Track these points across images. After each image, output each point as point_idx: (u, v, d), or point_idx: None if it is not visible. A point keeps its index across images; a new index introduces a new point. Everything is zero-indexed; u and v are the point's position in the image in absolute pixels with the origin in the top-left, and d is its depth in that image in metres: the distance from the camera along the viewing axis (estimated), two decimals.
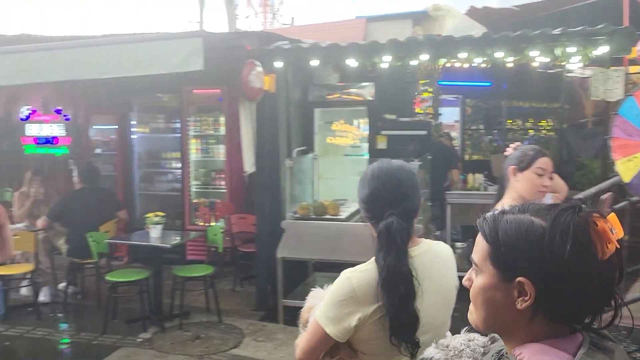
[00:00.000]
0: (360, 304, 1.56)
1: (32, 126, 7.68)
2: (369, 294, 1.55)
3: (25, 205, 5.98)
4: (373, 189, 1.66)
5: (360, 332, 1.58)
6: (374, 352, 1.60)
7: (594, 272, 0.91)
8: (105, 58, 4.52)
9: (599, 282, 0.92)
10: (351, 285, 1.58)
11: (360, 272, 1.60)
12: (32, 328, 5.03)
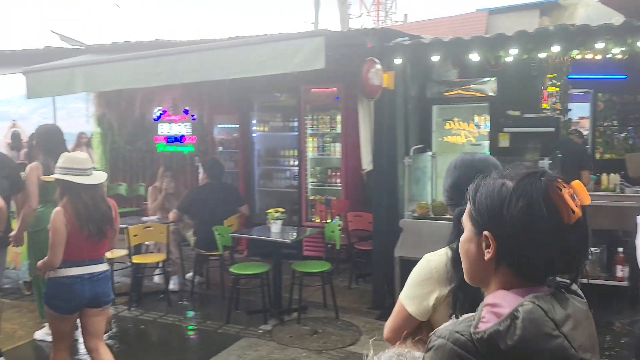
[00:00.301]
0: (438, 284, 1.69)
1: (163, 126, 8.28)
2: (443, 274, 1.67)
3: (157, 199, 6.43)
4: (454, 178, 1.80)
5: (437, 313, 1.69)
6: None
7: (552, 234, 1.02)
8: (232, 59, 4.72)
9: (559, 243, 1.02)
10: (430, 267, 1.72)
11: (439, 255, 1.72)
12: (164, 314, 5.40)
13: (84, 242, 3.29)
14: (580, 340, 1.01)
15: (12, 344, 4.68)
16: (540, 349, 0.96)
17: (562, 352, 0.97)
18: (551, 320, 0.99)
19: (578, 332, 1.02)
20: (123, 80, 5.39)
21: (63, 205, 3.26)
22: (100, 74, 5.55)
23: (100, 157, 8.94)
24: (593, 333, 1.09)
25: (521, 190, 1.04)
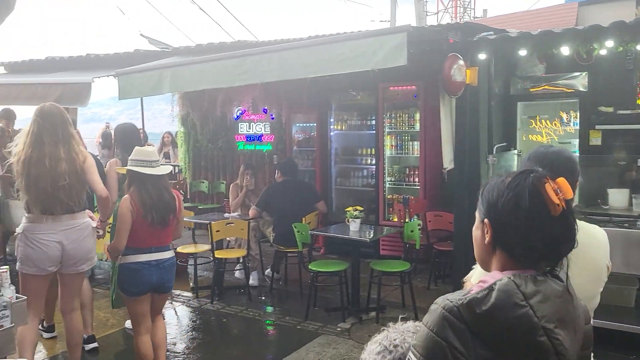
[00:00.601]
0: None
1: (243, 125, 8.49)
2: None
3: (238, 196, 6.60)
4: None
5: None
6: None
7: (537, 223, 1.21)
8: (313, 58, 4.74)
9: (544, 232, 1.21)
10: None
11: None
12: (245, 308, 5.53)
13: (148, 230, 3.51)
14: (545, 312, 1.17)
15: (105, 332, 4.96)
16: (508, 315, 1.15)
17: (526, 320, 1.15)
18: (521, 293, 1.17)
19: (544, 306, 1.18)
20: (207, 81, 5.56)
21: (130, 193, 3.51)
22: (186, 75, 5.75)
23: (183, 155, 9.30)
24: (565, 309, 1.22)
25: (512, 185, 1.26)
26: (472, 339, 1.17)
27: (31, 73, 7.88)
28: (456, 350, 1.16)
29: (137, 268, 3.52)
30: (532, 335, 1.16)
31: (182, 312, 5.64)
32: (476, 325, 1.17)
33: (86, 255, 3.76)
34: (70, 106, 7.56)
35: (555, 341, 1.17)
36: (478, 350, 1.17)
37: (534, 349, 1.17)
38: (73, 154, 3.58)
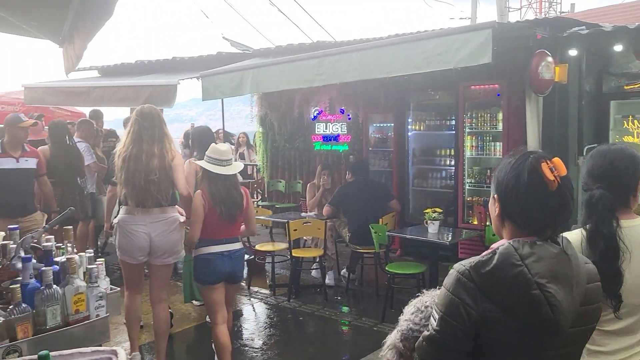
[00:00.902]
0: None
1: (320, 125, 8.54)
2: (580, 251, 1.77)
3: (315, 195, 6.64)
4: (589, 167, 2.01)
5: None
6: None
7: (534, 197, 1.41)
8: (394, 57, 4.68)
9: (541, 205, 1.41)
10: None
11: (571, 233, 1.91)
12: (321, 307, 5.55)
13: (219, 223, 3.74)
14: (538, 270, 1.37)
15: (187, 325, 5.15)
16: (506, 273, 1.37)
17: (522, 276, 1.37)
18: (518, 255, 1.39)
19: (538, 265, 1.38)
20: (287, 81, 5.64)
21: (201, 188, 3.79)
22: (266, 76, 5.86)
23: (262, 155, 9.49)
24: (559, 268, 1.40)
25: (515, 165, 1.47)
26: (479, 295, 1.40)
27: (122, 76, 8.32)
28: (467, 305, 1.40)
29: (211, 258, 3.76)
30: (526, 289, 1.37)
31: (260, 308, 5.75)
32: (482, 283, 1.40)
33: (172, 248, 3.96)
34: (157, 107, 7.95)
35: (547, 294, 1.37)
36: (485, 305, 1.39)
37: (529, 300, 1.37)
38: (164, 152, 3.82)
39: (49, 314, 2.10)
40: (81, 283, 2.23)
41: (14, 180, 4.90)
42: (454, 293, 1.42)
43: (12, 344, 1.98)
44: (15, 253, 2.41)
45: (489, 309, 1.40)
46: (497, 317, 1.39)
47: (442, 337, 1.44)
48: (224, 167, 3.73)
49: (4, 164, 4.88)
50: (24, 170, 5.01)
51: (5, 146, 4.95)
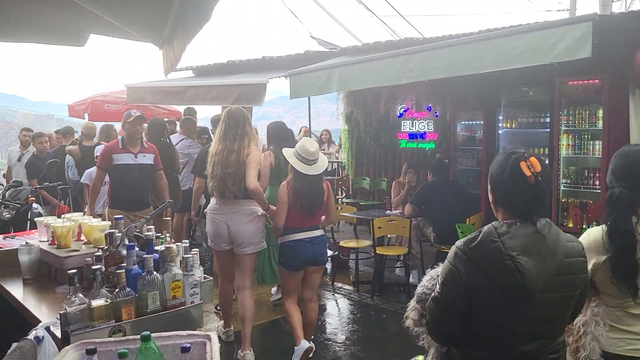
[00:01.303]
0: (595, 253, 2.16)
1: (406, 122, 8.46)
2: (600, 245, 2.15)
3: (400, 193, 6.59)
4: (613, 166, 2.22)
5: (596, 275, 2.18)
6: (608, 292, 2.19)
7: (515, 189, 1.81)
8: (484, 53, 4.54)
9: (521, 195, 1.80)
10: (589, 239, 2.19)
11: (595, 229, 2.20)
12: (404, 306, 5.44)
13: (300, 213, 4.09)
14: (510, 245, 1.75)
15: (274, 316, 5.30)
16: (486, 247, 1.78)
17: (497, 250, 1.75)
18: (496, 233, 1.79)
19: (512, 241, 1.76)
20: (373, 79, 5.63)
21: (288, 181, 4.14)
22: (353, 74, 5.88)
23: (347, 153, 9.55)
24: (532, 244, 1.77)
25: (502, 162, 1.86)
26: (469, 264, 1.81)
27: (215, 75, 8.68)
28: (461, 272, 1.82)
29: (294, 245, 4.10)
30: (501, 259, 1.76)
31: (343, 304, 5.81)
32: (471, 255, 1.81)
33: (249, 239, 4.24)
34: (247, 105, 8.21)
35: (517, 263, 1.74)
36: (473, 273, 1.80)
37: (503, 268, 1.76)
38: (242, 148, 4.19)
39: (149, 298, 2.26)
40: (178, 271, 2.38)
41: (133, 175, 5.13)
42: (451, 263, 1.86)
43: (117, 324, 2.15)
44: (121, 241, 2.61)
45: (476, 277, 1.80)
46: (483, 284, 1.79)
47: (443, 297, 1.86)
48: (310, 166, 4.05)
49: (124, 159, 5.12)
50: (142, 166, 5.21)
51: (125, 142, 5.19)
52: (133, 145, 5.20)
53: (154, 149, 5.43)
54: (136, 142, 5.23)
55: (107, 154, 5.13)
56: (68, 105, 12.33)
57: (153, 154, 5.34)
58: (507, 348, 1.83)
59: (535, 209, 1.82)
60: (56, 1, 3.71)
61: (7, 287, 2.96)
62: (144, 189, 5.25)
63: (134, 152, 5.17)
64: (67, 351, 1.79)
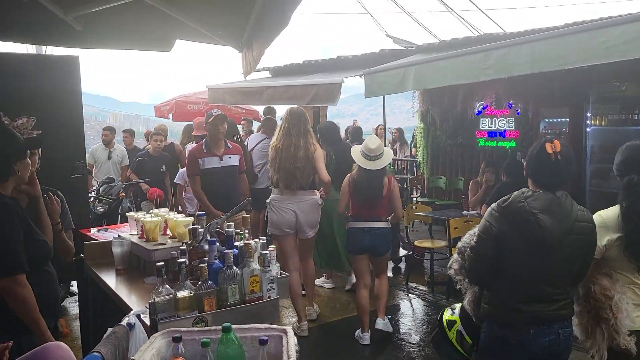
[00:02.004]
0: (608, 230, 2.53)
1: (485, 120, 8.24)
2: (613, 224, 2.53)
3: (477, 193, 6.44)
4: (624, 157, 2.61)
5: (610, 251, 2.55)
6: (619, 269, 2.58)
7: (541, 164, 2.42)
8: (570, 47, 4.34)
9: (545, 169, 2.40)
10: (602, 219, 2.55)
11: (610, 210, 2.58)
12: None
13: (361, 203, 4.59)
14: (533, 205, 2.34)
15: (348, 314, 5.35)
16: (514, 206, 2.36)
17: (523, 208, 2.34)
18: (522, 196, 2.38)
19: (534, 202, 2.35)
20: (451, 77, 5.52)
21: (351, 174, 4.69)
22: (429, 72, 5.80)
23: (422, 151, 9.43)
24: (550, 206, 2.36)
25: (535, 144, 2.50)
26: (500, 219, 2.39)
27: (291, 76, 8.86)
28: (493, 226, 2.40)
29: (354, 232, 4.65)
30: (525, 215, 2.34)
31: (417, 305, 5.77)
32: (501, 212, 2.40)
33: (313, 225, 4.88)
34: (322, 105, 8.32)
35: (537, 219, 2.32)
36: (502, 225, 2.38)
37: (525, 222, 2.34)
38: (308, 145, 4.69)
39: (229, 291, 2.36)
40: (256, 266, 2.47)
41: (220, 179, 4.86)
42: (486, 219, 2.46)
43: (199, 315, 2.27)
44: (203, 236, 2.75)
45: (504, 229, 2.39)
46: (510, 235, 2.38)
47: (479, 246, 2.46)
48: (371, 161, 4.49)
49: (210, 163, 4.86)
50: (228, 168, 4.93)
51: (209, 145, 4.93)
52: (217, 147, 4.96)
53: (238, 149, 5.19)
54: (220, 143, 4.98)
55: (192, 159, 4.95)
56: (154, 106, 13.01)
57: (238, 155, 5.09)
58: (525, 291, 2.40)
59: (555, 182, 2.41)
60: (146, 11, 3.95)
61: (102, 276, 3.20)
62: (232, 190, 4.95)
63: (218, 154, 4.93)
64: (156, 338, 1.91)
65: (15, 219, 2.42)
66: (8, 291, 2.33)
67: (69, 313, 5.34)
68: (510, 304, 2.41)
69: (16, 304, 2.34)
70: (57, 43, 5.10)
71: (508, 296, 2.41)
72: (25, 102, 4.99)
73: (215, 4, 3.83)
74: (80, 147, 5.54)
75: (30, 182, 2.76)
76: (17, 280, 2.34)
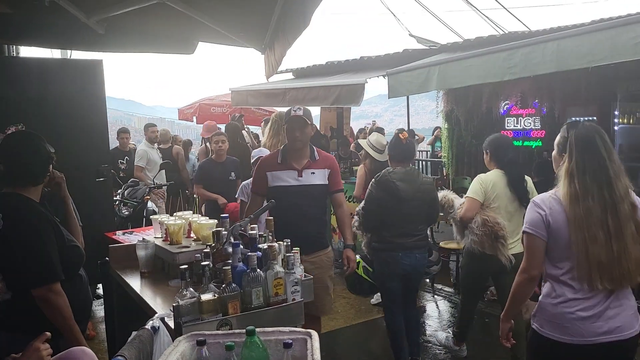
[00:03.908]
0: (487, 186, 4.24)
1: (510, 120, 8.11)
2: (501, 180, 4.27)
3: None
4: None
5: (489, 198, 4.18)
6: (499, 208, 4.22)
7: (399, 147, 4.24)
8: (597, 45, 4.24)
9: (400, 151, 4.24)
10: (482, 178, 4.38)
11: (488, 174, 4.40)
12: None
13: None
14: (394, 177, 4.05)
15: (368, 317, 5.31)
16: (383, 179, 4.12)
17: (388, 179, 4.08)
18: (387, 172, 4.16)
19: (395, 175, 4.07)
20: (475, 76, 5.44)
21: (365, 163, 5.42)
22: (453, 72, 5.73)
23: (447, 151, 9.33)
24: (407, 177, 4.07)
25: (393, 137, 4.45)
26: (377, 188, 4.05)
27: (314, 77, 8.85)
28: (372, 192, 4.10)
29: None
30: (388, 183, 3.98)
31: (444, 306, 5.70)
32: (377, 183, 4.05)
33: None
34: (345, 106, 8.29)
35: (396, 184, 3.96)
36: (379, 192, 4.04)
37: (389, 187, 3.97)
38: None
39: (254, 294, 2.35)
40: (280, 269, 2.46)
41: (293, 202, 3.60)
42: (369, 189, 4.12)
43: (224, 318, 2.27)
44: (227, 239, 2.74)
45: (379, 194, 4.00)
46: (382, 196, 3.99)
47: (366, 205, 4.17)
48: (381, 154, 5.16)
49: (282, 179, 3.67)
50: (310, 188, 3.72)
51: (287, 155, 3.76)
52: (297, 158, 3.65)
53: (328, 160, 3.78)
54: (302, 153, 3.66)
55: (260, 172, 3.72)
56: (178, 109, 13.15)
57: (328, 169, 3.72)
58: (395, 230, 3.99)
59: (406, 157, 4.13)
60: (168, 14, 3.98)
61: (127, 279, 3.23)
62: (311, 223, 3.67)
63: (297, 167, 3.63)
64: (180, 341, 1.91)
65: (47, 226, 2.45)
66: (44, 300, 2.35)
67: (95, 316, 5.42)
68: (387, 239, 4.01)
69: (52, 312, 2.37)
70: (80, 47, 5.19)
71: (386, 235, 4.01)
72: (50, 106, 5.09)
73: (237, 5, 3.84)
74: (104, 150, 5.62)
75: (58, 184, 2.80)
76: (53, 288, 2.37)
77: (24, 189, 2.51)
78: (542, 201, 2.37)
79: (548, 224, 2.32)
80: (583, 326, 2.25)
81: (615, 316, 2.27)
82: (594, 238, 2.23)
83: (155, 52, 5.34)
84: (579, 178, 2.29)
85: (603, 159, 2.31)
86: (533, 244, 2.35)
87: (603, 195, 2.27)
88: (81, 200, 2.93)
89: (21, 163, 2.51)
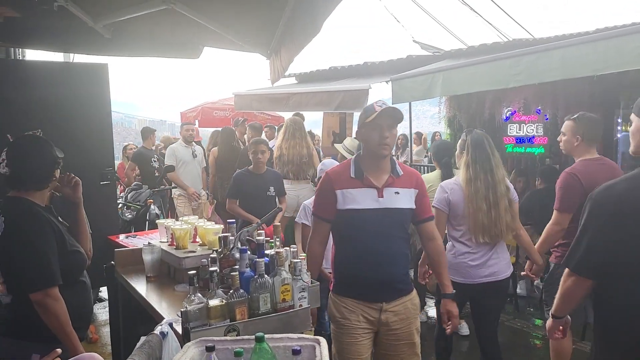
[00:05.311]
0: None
1: (513, 126, 8.12)
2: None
3: None
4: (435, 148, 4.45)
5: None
6: None
7: None
8: (601, 53, 4.27)
9: None
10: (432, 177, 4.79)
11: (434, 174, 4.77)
12: (512, 318, 5.30)
13: None
14: None
15: None
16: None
17: None
18: None
19: None
20: (479, 83, 5.47)
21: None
22: (457, 78, 5.75)
23: None
24: None
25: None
26: None
27: (317, 82, 8.87)
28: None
29: None
30: None
31: None
32: None
33: None
34: (349, 111, 8.31)
35: None
36: None
37: None
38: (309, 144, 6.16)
39: (261, 300, 2.36)
40: (287, 275, 2.46)
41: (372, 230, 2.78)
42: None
43: (232, 324, 2.27)
44: (234, 245, 2.75)
45: None
46: None
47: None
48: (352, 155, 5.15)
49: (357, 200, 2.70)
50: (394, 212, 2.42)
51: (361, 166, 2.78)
52: (378, 173, 2.74)
53: (416, 178, 2.83)
54: (383, 165, 2.75)
55: (326, 190, 2.75)
56: (181, 112, 13.17)
57: (415, 189, 2.79)
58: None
59: None
60: (174, 19, 3.99)
61: (133, 283, 3.23)
62: (399, 259, 2.74)
63: (377, 185, 2.70)
64: (189, 347, 1.92)
65: (48, 231, 2.45)
66: (41, 305, 2.35)
67: (97, 319, 5.41)
68: None
69: (49, 317, 2.36)
70: (87, 51, 5.21)
71: None
72: (55, 109, 5.10)
73: (244, 11, 3.86)
74: (109, 154, 5.63)
75: (74, 187, 2.80)
76: (50, 293, 2.36)
77: (28, 193, 2.52)
78: (446, 185, 3.46)
79: (449, 201, 3.40)
80: (472, 271, 3.34)
81: (494, 264, 3.37)
82: (480, 208, 3.28)
83: (160, 56, 5.35)
84: (472, 167, 3.34)
85: (488, 154, 3.37)
86: (439, 216, 3.34)
87: (487, 179, 3.30)
88: (85, 204, 2.91)
89: (25, 167, 2.51)
